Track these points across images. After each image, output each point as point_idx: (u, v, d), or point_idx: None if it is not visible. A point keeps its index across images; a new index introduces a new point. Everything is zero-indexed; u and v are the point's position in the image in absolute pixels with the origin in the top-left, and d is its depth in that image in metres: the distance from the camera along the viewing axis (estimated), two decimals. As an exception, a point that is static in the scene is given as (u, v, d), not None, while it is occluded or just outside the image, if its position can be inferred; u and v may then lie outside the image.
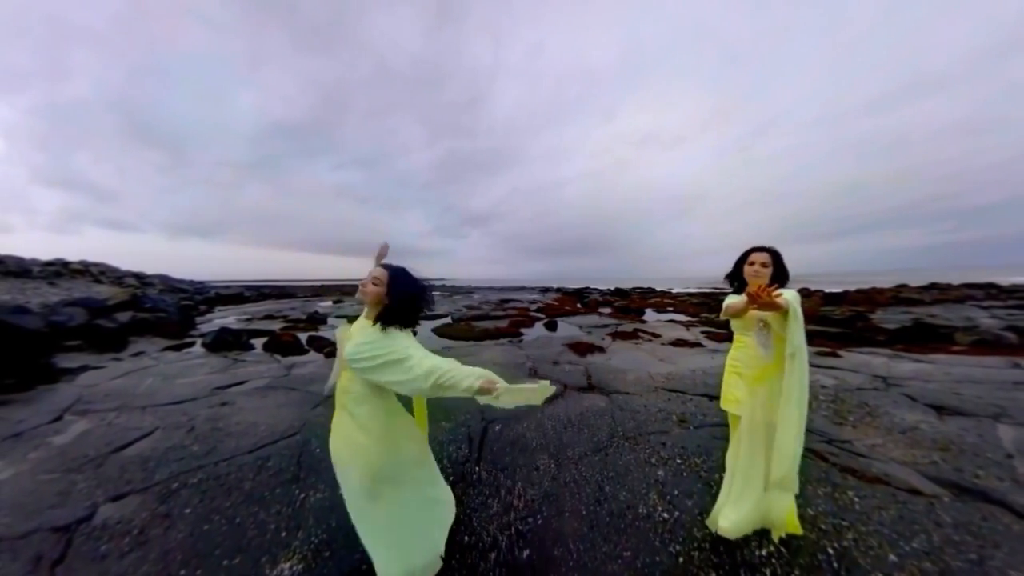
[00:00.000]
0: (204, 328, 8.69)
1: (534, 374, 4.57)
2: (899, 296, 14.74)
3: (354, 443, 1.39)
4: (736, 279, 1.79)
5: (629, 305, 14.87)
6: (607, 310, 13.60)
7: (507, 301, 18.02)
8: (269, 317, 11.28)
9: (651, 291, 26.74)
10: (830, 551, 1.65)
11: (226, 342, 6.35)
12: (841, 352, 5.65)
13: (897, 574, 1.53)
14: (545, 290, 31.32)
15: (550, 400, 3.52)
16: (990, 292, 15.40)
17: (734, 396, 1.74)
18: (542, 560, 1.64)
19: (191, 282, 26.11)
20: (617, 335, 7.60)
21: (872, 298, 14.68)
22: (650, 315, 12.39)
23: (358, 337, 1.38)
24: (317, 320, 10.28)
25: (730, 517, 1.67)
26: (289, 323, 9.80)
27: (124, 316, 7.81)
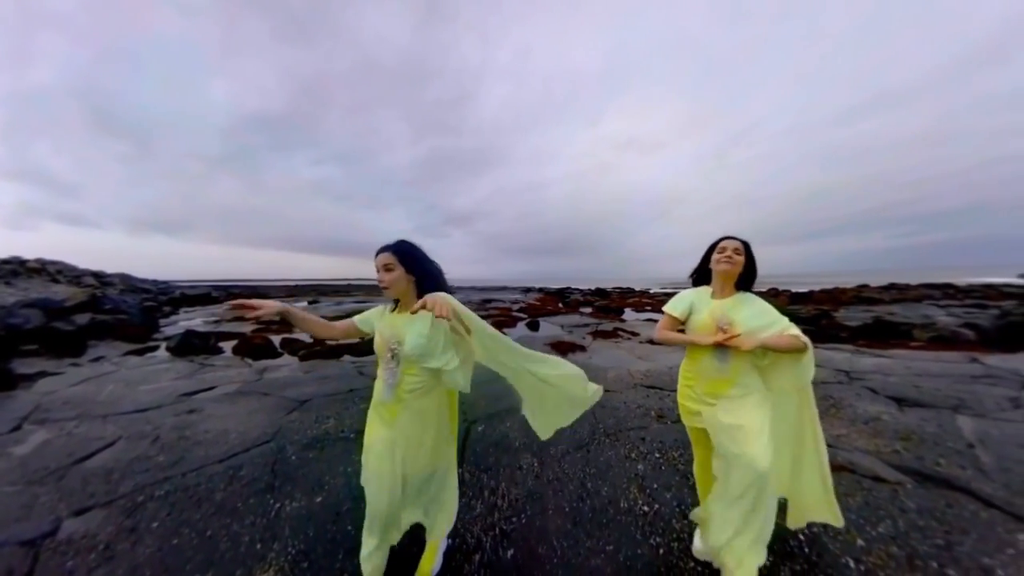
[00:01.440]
0: (168, 331, 8.30)
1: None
2: (861, 295, 15.60)
3: (430, 430, 1.39)
4: (701, 273, 1.62)
5: (609, 305, 15.10)
6: (588, 310, 13.76)
7: (489, 301, 17.98)
8: (239, 319, 10.87)
9: (630, 291, 27.27)
10: (801, 537, 1.71)
11: (192, 345, 6.07)
12: (808, 347, 5.91)
13: (865, 558, 1.60)
14: (527, 290, 31.44)
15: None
16: (947, 292, 16.49)
17: (691, 410, 1.58)
18: (527, 559, 1.64)
19: (154, 282, 24.85)
20: (598, 334, 7.70)
21: (836, 297, 15.48)
22: (629, 314, 12.61)
23: (415, 329, 1.29)
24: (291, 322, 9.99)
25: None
26: (261, 325, 9.44)
27: (83, 318, 7.36)
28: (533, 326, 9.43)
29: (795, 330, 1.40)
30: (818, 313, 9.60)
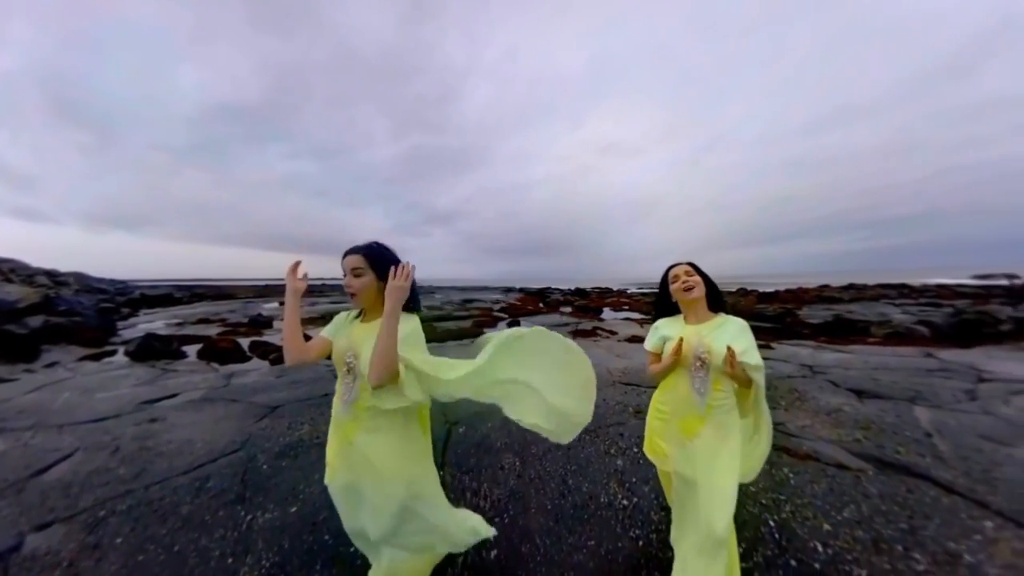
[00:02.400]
0: (127, 334, 7.84)
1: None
2: (822, 295, 16.49)
3: (392, 457, 1.22)
4: (663, 305, 1.56)
5: (588, 304, 15.31)
6: (568, 309, 13.92)
7: (470, 301, 17.88)
8: (204, 321, 10.37)
9: (608, 291, 27.73)
10: (771, 523, 1.78)
11: (153, 350, 5.74)
12: (773, 344, 6.20)
13: (832, 542, 1.68)
14: (508, 290, 31.47)
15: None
16: (903, 292, 17.64)
17: (660, 447, 1.50)
18: (510, 558, 1.63)
19: (112, 281, 23.40)
20: (577, 333, 7.79)
21: (799, 297, 16.31)
22: (608, 314, 12.84)
23: (373, 339, 1.17)
24: (261, 324, 9.50)
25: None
26: (228, 327, 9.06)
27: (35, 321, 6.83)
28: (514, 326, 9.45)
29: (757, 373, 1.29)
30: (783, 311, 10.08)
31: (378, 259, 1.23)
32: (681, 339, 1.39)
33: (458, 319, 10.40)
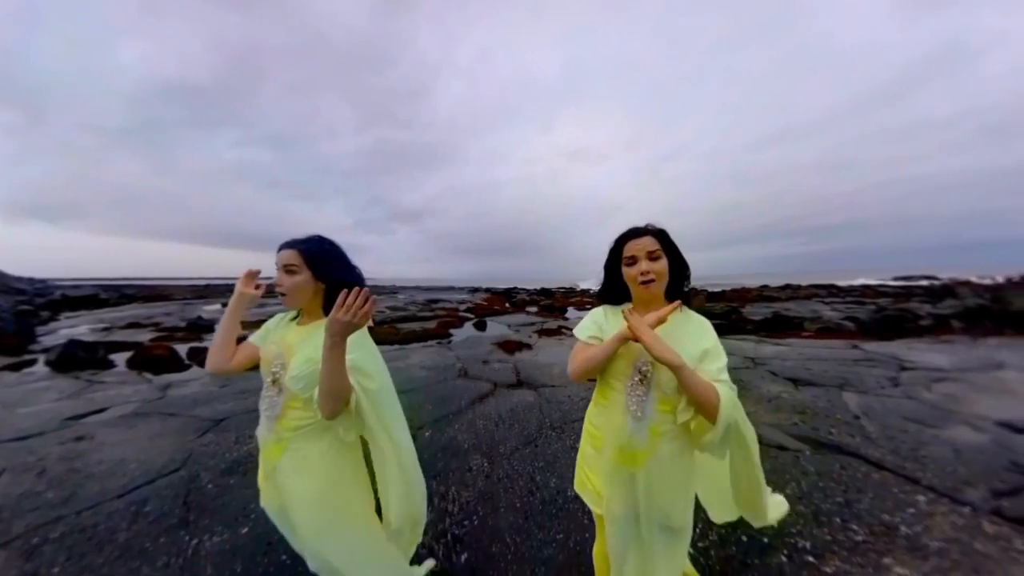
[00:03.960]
0: (48, 340, 6.96)
1: (464, 375, 4.51)
2: (763, 294, 18.00)
3: (316, 484, 1.06)
4: (612, 288, 1.12)
5: (554, 304, 15.58)
6: (534, 309, 14.08)
7: (435, 301, 17.58)
8: (135, 325, 9.40)
9: (572, 291, 28.41)
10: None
11: (77, 358, 5.13)
12: (721, 339, 6.67)
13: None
14: (474, 290, 31.27)
15: (482, 399, 3.55)
16: (832, 291, 19.66)
17: (590, 483, 1.14)
18: (481, 560, 1.63)
19: (30, 280, 20.59)
20: (543, 332, 7.91)
21: (743, 296, 17.69)
22: (572, 313, 13.12)
23: (307, 352, 1.02)
24: (201, 328, 8.71)
25: None
26: (163, 332, 8.26)
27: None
28: (480, 326, 9.40)
29: (723, 386, 0.94)
30: (729, 309, 10.84)
31: (317, 256, 1.06)
32: (627, 312, 0.98)
33: (423, 320, 10.19)
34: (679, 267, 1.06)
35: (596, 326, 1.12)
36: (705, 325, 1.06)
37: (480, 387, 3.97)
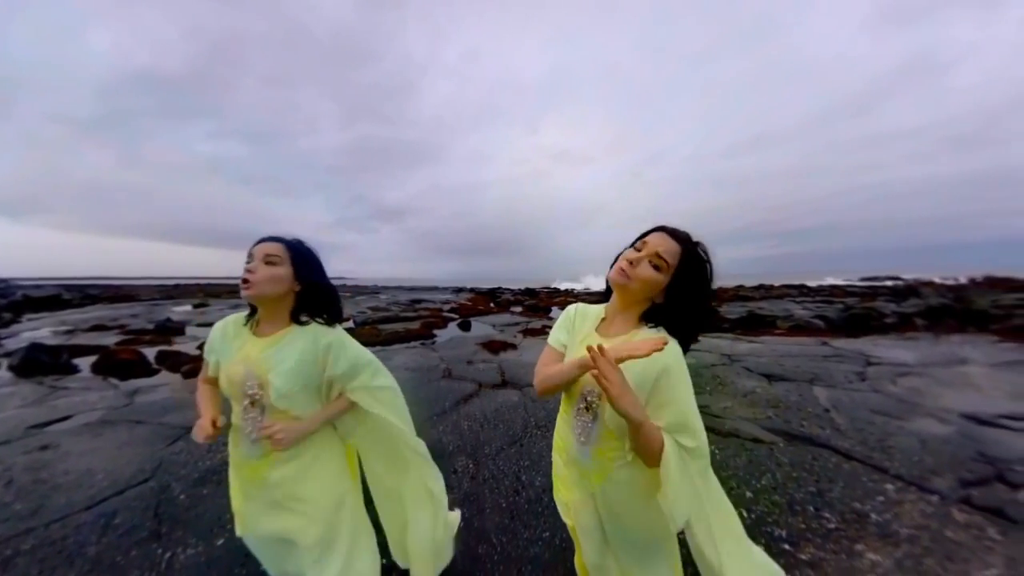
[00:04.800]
0: (8, 344, 6.57)
1: (448, 376, 4.49)
2: (738, 294, 18.66)
3: (317, 481, 1.09)
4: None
5: (538, 304, 15.64)
6: (518, 309, 14.10)
7: (419, 302, 17.38)
8: (100, 328, 8.93)
9: (556, 291, 28.61)
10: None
11: (39, 363, 4.86)
12: (699, 337, 6.88)
13: (755, 507, 1.90)
14: (459, 290, 31.07)
15: (466, 399, 3.54)
16: (802, 291, 20.59)
17: (559, 493, 1.11)
18: (467, 562, 1.63)
19: None
20: (527, 332, 7.94)
21: (720, 296, 18.31)
22: (556, 312, 13.22)
23: (284, 365, 0.99)
24: (170, 330, 8.23)
25: None
26: (130, 335, 7.87)
27: None
28: (465, 326, 9.36)
29: (683, 438, 0.82)
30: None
31: (302, 254, 1.03)
32: (592, 350, 0.77)
33: (406, 320, 10.07)
34: (689, 301, 0.87)
35: (564, 331, 1.04)
36: (676, 356, 0.86)
37: (465, 388, 3.96)
